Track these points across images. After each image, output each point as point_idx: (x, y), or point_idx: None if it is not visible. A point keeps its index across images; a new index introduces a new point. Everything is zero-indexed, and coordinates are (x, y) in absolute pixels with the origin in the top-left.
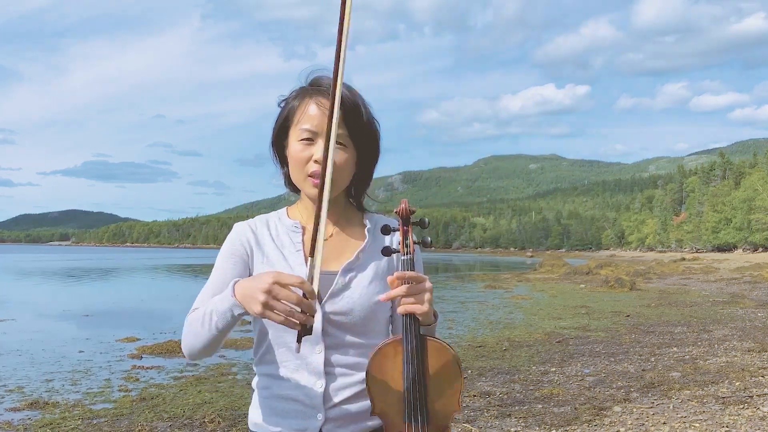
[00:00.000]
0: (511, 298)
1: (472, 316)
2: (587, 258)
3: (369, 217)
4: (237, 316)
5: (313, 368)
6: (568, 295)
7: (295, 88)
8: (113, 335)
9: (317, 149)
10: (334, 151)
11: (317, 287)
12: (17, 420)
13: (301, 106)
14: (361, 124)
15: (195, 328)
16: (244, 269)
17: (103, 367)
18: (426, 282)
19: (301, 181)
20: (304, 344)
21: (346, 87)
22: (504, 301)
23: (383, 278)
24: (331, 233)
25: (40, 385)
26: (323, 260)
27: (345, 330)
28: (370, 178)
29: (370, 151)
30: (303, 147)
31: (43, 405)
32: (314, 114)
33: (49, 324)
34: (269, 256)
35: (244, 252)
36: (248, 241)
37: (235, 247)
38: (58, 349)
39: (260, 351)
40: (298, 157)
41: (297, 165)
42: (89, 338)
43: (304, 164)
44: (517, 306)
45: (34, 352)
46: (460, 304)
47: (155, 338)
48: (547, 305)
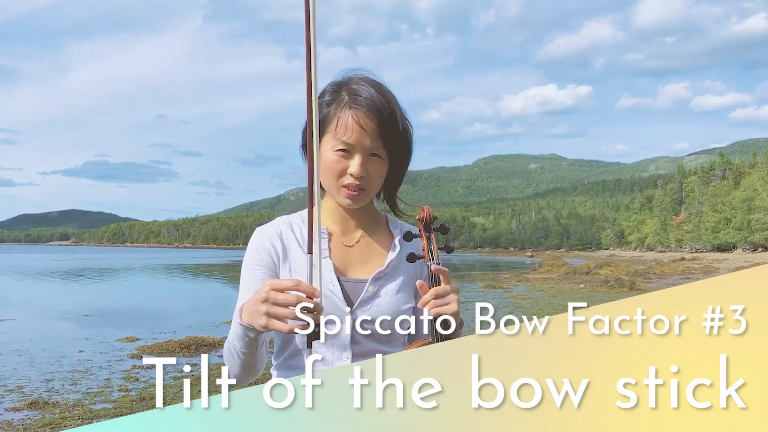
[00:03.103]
0: (511, 298)
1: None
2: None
3: (392, 222)
4: (254, 338)
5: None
6: (567, 295)
7: (330, 87)
8: (113, 335)
9: (353, 163)
10: (369, 162)
11: (320, 285)
12: (17, 420)
13: (337, 115)
14: (398, 134)
15: (228, 358)
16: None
17: (103, 367)
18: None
19: (333, 190)
20: (331, 351)
21: (378, 90)
22: (504, 301)
23: (410, 286)
24: (358, 239)
25: (40, 385)
26: (351, 267)
27: (371, 338)
28: (401, 179)
29: (405, 156)
30: (339, 158)
31: (43, 405)
32: (352, 127)
33: (49, 324)
34: (297, 260)
35: (270, 261)
36: (274, 248)
37: (261, 257)
38: (58, 349)
39: (283, 355)
40: (333, 168)
41: (331, 174)
42: (89, 338)
43: (339, 175)
44: (517, 306)
45: (34, 352)
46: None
47: (155, 338)
48: (546, 305)
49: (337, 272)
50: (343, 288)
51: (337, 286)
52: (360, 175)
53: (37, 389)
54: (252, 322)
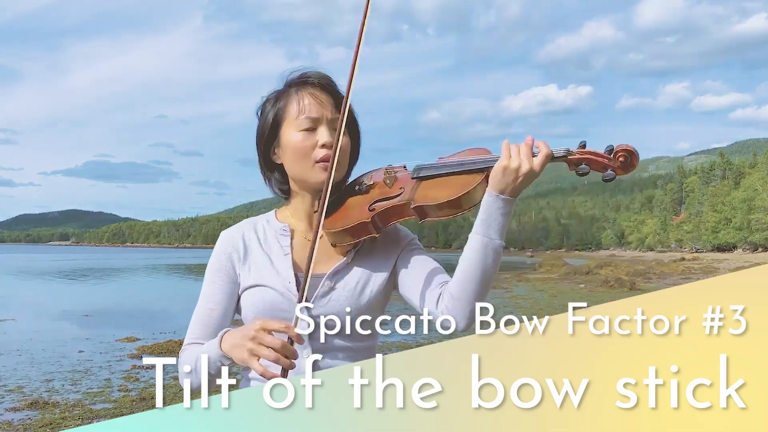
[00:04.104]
0: (511, 298)
1: None
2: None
3: None
4: (226, 364)
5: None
6: (568, 295)
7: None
8: (113, 335)
9: (321, 134)
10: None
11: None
12: (17, 420)
13: (292, 102)
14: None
15: (188, 371)
16: (232, 288)
17: (103, 367)
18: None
19: (308, 170)
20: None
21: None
22: (504, 301)
23: (376, 279)
24: (321, 234)
25: (40, 385)
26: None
27: (332, 334)
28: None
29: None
30: (305, 136)
31: (43, 405)
32: (311, 103)
33: (49, 324)
34: (256, 262)
35: (230, 266)
36: (236, 250)
37: (222, 263)
38: (58, 349)
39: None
40: (301, 146)
41: (301, 155)
42: (89, 338)
43: (310, 152)
44: (517, 306)
45: (34, 352)
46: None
47: (155, 338)
48: (546, 305)
49: (298, 269)
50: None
51: (293, 283)
52: (330, 142)
53: (37, 389)
54: (232, 353)
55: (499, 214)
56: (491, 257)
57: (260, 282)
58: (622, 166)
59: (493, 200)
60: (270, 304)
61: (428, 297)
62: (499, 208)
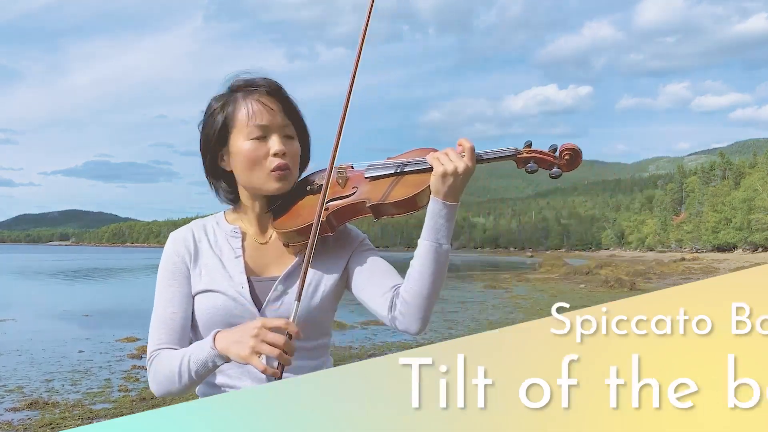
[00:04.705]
0: (511, 298)
1: (472, 317)
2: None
3: None
4: (218, 365)
5: (256, 375)
6: (568, 295)
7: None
8: (113, 335)
9: (273, 143)
10: (290, 144)
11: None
12: (17, 420)
13: (240, 108)
14: (298, 111)
15: (169, 375)
16: (189, 290)
17: (103, 367)
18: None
19: (261, 179)
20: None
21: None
22: (504, 301)
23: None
24: (272, 235)
25: (40, 385)
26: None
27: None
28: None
29: (307, 134)
30: (256, 145)
31: (43, 405)
32: (261, 110)
33: (49, 324)
34: (207, 264)
35: (184, 267)
36: (188, 251)
37: (176, 265)
38: (58, 349)
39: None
40: (253, 155)
41: (253, 164)
42: (89, 338)
43: (263, 161)
44: (517, 306)
45: (34, 352)
46: (460, 304)
47: None
48: (547, 305)
49: (250, 272)
50: (253, 289)
51: (246, 288)
52: (282, 151)
53: (37, 389)
54: (230, 351)
55: (445, 220)
56: (441, 261)
57: (211, 287)
58: (568, 164)
59: (439, 207)
60: (222, 309)
61: (381, 301)
62: (444, 215)
